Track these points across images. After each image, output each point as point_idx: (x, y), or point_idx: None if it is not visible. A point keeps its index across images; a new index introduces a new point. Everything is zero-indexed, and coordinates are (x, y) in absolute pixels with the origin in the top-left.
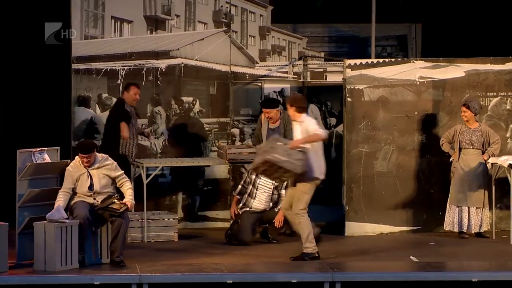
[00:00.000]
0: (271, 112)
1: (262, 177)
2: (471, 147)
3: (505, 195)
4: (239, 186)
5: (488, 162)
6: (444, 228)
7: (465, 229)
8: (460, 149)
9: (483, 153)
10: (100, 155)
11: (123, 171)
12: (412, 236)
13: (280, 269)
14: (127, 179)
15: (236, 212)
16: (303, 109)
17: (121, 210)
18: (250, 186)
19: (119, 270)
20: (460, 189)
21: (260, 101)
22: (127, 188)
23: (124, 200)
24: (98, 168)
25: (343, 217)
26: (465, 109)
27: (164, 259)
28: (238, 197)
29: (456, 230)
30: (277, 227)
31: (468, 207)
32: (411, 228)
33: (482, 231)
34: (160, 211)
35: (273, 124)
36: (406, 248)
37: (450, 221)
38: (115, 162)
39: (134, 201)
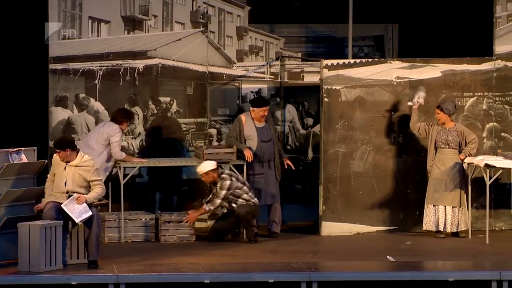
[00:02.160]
0: (267, 110)
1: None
2: (447, 146)
3: (481, 194)
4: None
5: (465, 162)
6: (422, 227)
7: (441, 228)
8: (436, 149)
9: (459, 152)
10: (82, 155)
11: (101, 178)
12: (389, 235)
13: (257, 269)
14: (101, 185)
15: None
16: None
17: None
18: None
19: (96, 270)
20: (436, 188)
21: (250, 100)
22: (94, 190)
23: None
24: (75, 166)
25: (320, 217)
26: (439, 111)
27: (141, 259)
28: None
29: (433, 229)
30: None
31: (445, 206)
32: (388, 227)
33: (459, 230)
34: (137, 211)
35: (260, 123)
36: (383, 248)
37: (428, 221)
38: (96, 167)
39: (93, 199)
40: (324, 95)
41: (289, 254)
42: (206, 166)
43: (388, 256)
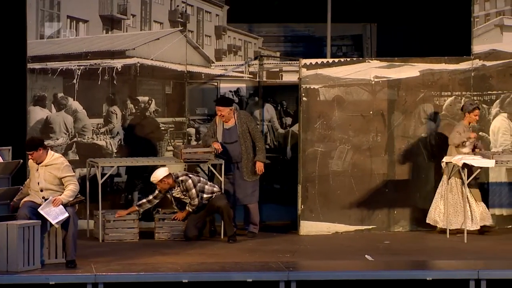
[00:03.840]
0: (224, 111)
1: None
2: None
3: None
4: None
5: (443, 162)
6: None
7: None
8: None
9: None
10: (52, 154)
11: (73, 174)
12: (367, 234)
13: (236, 269)
14: (73, 182)
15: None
16: None
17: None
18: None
19: (74, 269)
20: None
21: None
22: (68, 189)
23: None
24: (46, 165)
25: (298, 216)
26: (478, 111)
27: (119, 258)
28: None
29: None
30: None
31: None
32: (366, 227)
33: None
34: (116, 210)
35: (227, 124)
36: (361, 247)
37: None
38: (66, 163)
39: (68, 199)
40: (303, 94)
41: (268, 253)
42: (160, 174)
43: (366, 255)
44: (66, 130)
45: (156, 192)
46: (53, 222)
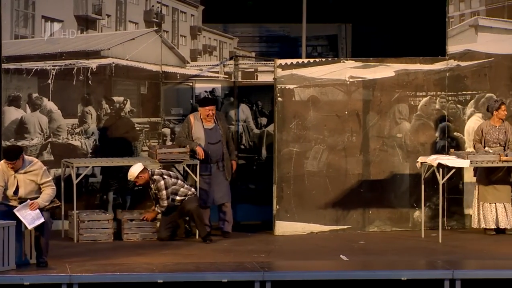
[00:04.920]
0: (214, 110)
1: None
2: (498, 145)
3: (434, 194)
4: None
5: (418, 162)
6: (477, 226)
7: (503, 225)
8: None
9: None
10: (29, 159)
11: (50, 178)
12: (342, 235)
13: (211, 269)
14: (51, 185)
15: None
16: None
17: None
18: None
19: (49, 270)
20: (495, 186)
21: (197, 100)
22: (45, 193)
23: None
24: (25, 173)
25: (273, 217)
26: (505, 107)
27: (94, 258)
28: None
29: (491, 226)
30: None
31: (503, 203)
32: (341, 227)
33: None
34: (91, 211)
35: (208, 124)
36: (336, 247)
37: (485, 219)
38: (44, 167)
39: (45, 203)
40: (278, 94)
41: (243, 253)
42: (135, 170)
43: (341, 255)
44: (41, 130)
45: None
46: (29, 227)
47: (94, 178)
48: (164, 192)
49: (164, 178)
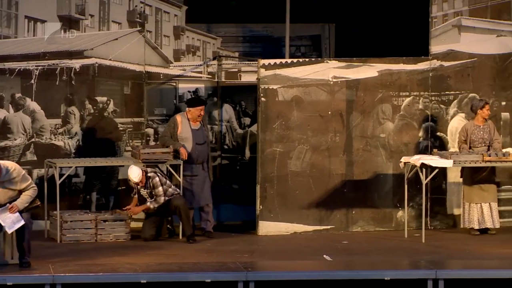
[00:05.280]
0: (203, 110)
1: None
2: (483, 145)
3: (417, 194)
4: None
5: (401, 162)
6: (463, 225)
7: (489, 225)
8: (470, 148)
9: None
10: (6, 167)
11: (30, 180)
12: (326, 235)
13: (194, 269)
14: (33, 187)
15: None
16: None
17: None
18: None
19: (32, 270)
20: (480, 186)
21: (187, 101)
22: (25, 194)
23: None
24: (2, 182)
25: (257, 217)
26: (488, 107)
27: (77, 259)
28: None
29: (476, 226)
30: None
31: (489, 203)
32: (325, 227)
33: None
34: (74, 211)
35: (195, 125)
36: (320, 247)
37: (471, 219)
38: (23, 172)
39: (25, 204)
40: (261, 94)
41: (226, 253)
42: (138, 172)
43: (325, 255)
44: (24, 130)
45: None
46: (9, 231)
47: (77, 178)
48: (160, 188)
49: (158, 175)
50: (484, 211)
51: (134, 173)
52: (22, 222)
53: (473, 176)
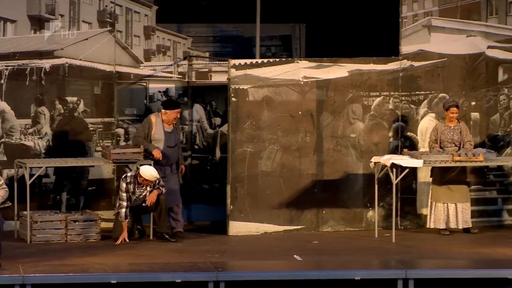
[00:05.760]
0: (179, 112)
1: (136, 184)
2: (453, 145)
3: (388, 194)
4: (122, 210)
5: (371, 162)
6: (428, 225)
7: (453, 225)
8: (441, 148)
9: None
10: None
11: (2, 182)
12: (296, 235)
13: (165, 269)
14: (4, 188)
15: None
16: None
17: None
18: (127, 194)
19: (2, 271)
20: (448, 186)
21: (163, 102)
22: None
23: None
24: None
25: (227, 217)
26: (457, 109)
27: (47, 259)
28: (126, 221)
29: (441, 226)
30: (148, 205)
31: (455, 204)
32: (295, 227)
33: (469, 226)
34: (44, 211)
35: (168, 127)
36: (290, 247)
37: (437, 218)
38: None
39: None
40: (232, 94)
41: (197, 254)
42: (153, 169)
43: (295, 255)
44: None
45: (124, 195)
46: None
47: (47, 179)
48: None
49: None
50: (450, 211)
51: (152, 170)
52: None
53: (443, 176)
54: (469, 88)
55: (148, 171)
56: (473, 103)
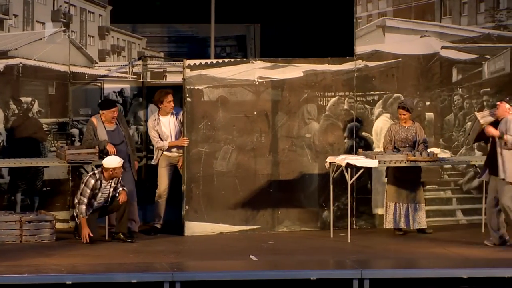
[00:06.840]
0: (116, 112)
1: (103, 180)
2: (406, 145)
3: (343, 194)
4: (82, 207)
5: (326, 162)
6: (384, 225)
7: (404, 225)
8: (395, 148)
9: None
10: None
11: None
12: (252, 235)
13: (120, 269)
14: None
15: (89, 234)
16: None
17: None
18: (92, 192)
19: None
20: (400, 186)
21: (99, 103)
22: None
23: None
24: None
25: (183, 217)
26: (405, 112)
27: (2, 260)
28: (86, 217)
29: (395, 227)
30: (120, 203)
31: (408, 204)
32: (251, 227)
33: (423, 227)
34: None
35: (110, 126)
36: (246, 247)
37: (390, 218)
38: None
39: None
40: (187, 95)
41: (152, 254)
42: (119, 158)
43: (251, 256)
44: None
45: (88, 191)
46: None
47: (1, 179)
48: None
49: None
50: (401, 211)
51: (114, 157)
52: None
53: (396, 176)
54: (423, 88)
55: (113, 160)
56: (428, 103)
